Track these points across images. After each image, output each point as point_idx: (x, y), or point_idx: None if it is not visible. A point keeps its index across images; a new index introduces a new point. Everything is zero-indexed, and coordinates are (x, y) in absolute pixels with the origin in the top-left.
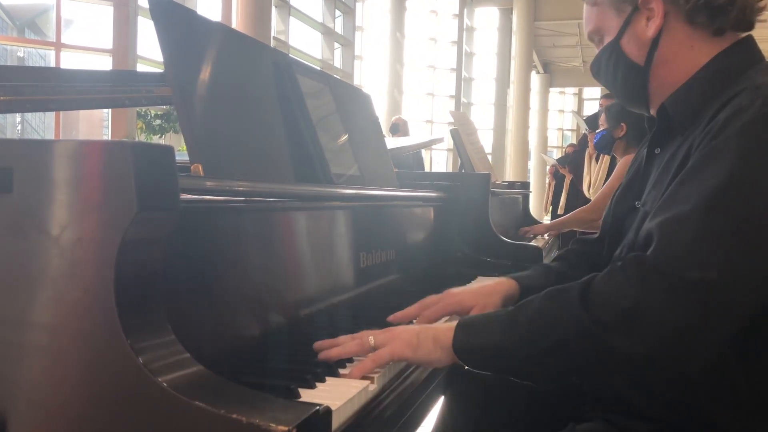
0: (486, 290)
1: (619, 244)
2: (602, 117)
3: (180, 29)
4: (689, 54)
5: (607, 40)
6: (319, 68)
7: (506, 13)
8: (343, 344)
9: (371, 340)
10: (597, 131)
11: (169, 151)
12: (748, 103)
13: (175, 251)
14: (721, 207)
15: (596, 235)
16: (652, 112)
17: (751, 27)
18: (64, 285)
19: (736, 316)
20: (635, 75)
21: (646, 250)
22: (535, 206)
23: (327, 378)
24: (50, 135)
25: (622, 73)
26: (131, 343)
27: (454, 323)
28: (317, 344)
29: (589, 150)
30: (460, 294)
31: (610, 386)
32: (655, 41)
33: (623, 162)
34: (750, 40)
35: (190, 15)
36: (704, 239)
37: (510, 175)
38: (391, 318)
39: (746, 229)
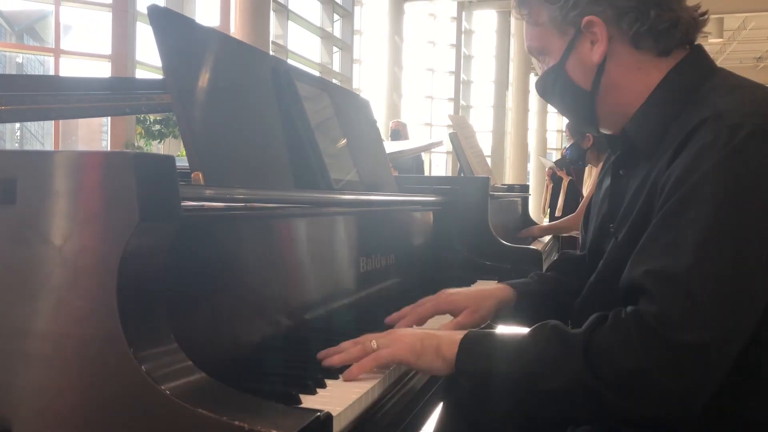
0: (482, 294)
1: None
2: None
3: (179, 38)
4: (638, 76)
5: (551, 62)
6: (317, 73)
7: (504, 15)
8: (346, 350)
9: (374, 343)
10: (566, 147)
11: (170, 161)
12: (713, 137)
13: (176, 259)
14: (710, 259)
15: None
16: (602, 131)
17: (694, 42)
18: (67, 294)
19: (730, 363)
20: (583, 100)
21: (635, 300)
22: (534, 209)
23: (328, 383)
24: (49, 141)
25: (569, 97)
26: (134, 351)
27: (458, 335)
28: (321, 353)
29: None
30: (453, 294)
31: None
32: (601, 66)
33: (599, 170)
34: (698, 50)
35: (189, 23)
36: (700, 300)
37: (509, 177)
38: (388, 319)
39: (737, 279)
